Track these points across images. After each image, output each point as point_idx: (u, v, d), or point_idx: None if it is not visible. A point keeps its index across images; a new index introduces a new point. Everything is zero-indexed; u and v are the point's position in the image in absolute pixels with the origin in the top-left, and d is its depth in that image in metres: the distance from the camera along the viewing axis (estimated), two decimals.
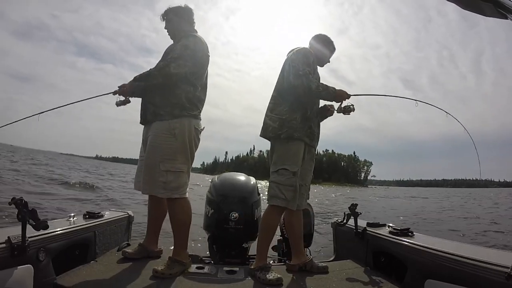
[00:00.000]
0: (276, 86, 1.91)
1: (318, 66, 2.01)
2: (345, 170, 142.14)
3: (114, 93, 1.88)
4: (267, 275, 1.62)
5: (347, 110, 1.87)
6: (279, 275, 1.62)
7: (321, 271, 1.79)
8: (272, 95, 1.90)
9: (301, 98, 1.80)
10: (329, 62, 2.06)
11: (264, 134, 1.86)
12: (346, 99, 1.83)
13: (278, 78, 1.91)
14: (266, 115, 1.88)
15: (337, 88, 1.82)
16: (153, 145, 1.72)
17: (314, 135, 1.88)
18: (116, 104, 1.93)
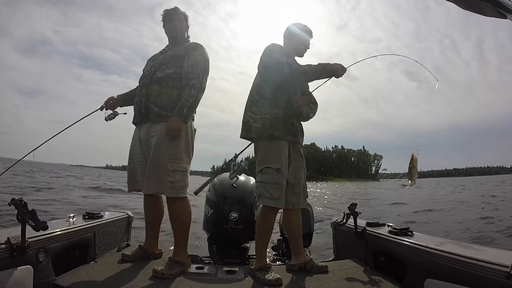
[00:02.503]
0: (253, 88, 1.89)
1: (297, 57, 1.97)
2: (356, 165, 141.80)
3: (101, 108, 1.94)
4: (267, 275, 1.62)
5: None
6: (278, 275, 1.62)
7: (321, 270, 1.78)
8: (250, 98, 1.88)
9: (287, 80, 1.80)
10: (308, 48, 1.98)
11: (247, 135, 1.83)
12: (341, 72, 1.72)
13: (254, 79, 1.92)
14: (247, 116, 1.85)
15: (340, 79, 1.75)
16: (161, 145, 1.72)
17: (297, 131, 1.85)
18: (105, 119, 1.95)
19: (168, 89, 1.78)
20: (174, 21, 1.92)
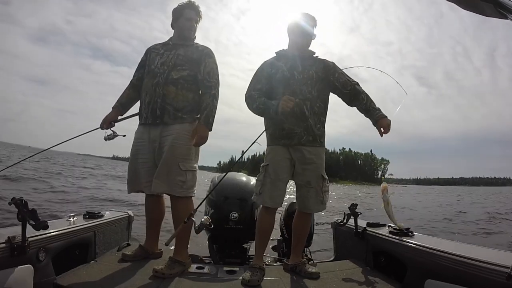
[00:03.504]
0: None
1: (304, 48, 1.90)
2: (362, 168, 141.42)
3: (102, 127, 1.95)
4: (245, 275, 1.61)
5: None
6: (254, 277, 1.58)
7: (310, 276, 1.71)
8: None
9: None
10: (313, 38, 1.89)
11: None
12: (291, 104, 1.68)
13: None
14: None
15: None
16: (175, 146, 1.74)
17: (293, 135, 1.78)
18: (104, 138, 1.97)
19: (184, 91, 1.81)
20: (193, 21, 1.91)
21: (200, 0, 1.95)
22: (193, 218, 1.62)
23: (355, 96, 1.88)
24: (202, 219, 1.65)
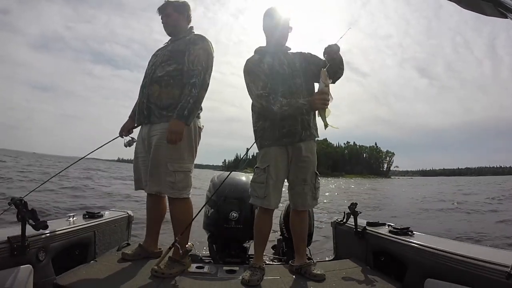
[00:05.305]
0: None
1: (283, 43, 1.87)
2: (367, 161, 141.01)
3: (121, 135, 2.00)
4: (245, 274, 1.61)
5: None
6: (254, 277, 1.58)
7: (315, 278, 1.69)
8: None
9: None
10: (290, 31, 1.84)
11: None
12: (327, 105, 1.62)
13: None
14: None
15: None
16: (161, 145, 1.70)
17: (294, 132, 1.76)
18: (124, 145, 2.00)
19: (169, 89, 1.74)
20: (162, 18, 1.89)
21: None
22: (177, 244, 1.61)
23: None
24: (187, 246, 1.66)
